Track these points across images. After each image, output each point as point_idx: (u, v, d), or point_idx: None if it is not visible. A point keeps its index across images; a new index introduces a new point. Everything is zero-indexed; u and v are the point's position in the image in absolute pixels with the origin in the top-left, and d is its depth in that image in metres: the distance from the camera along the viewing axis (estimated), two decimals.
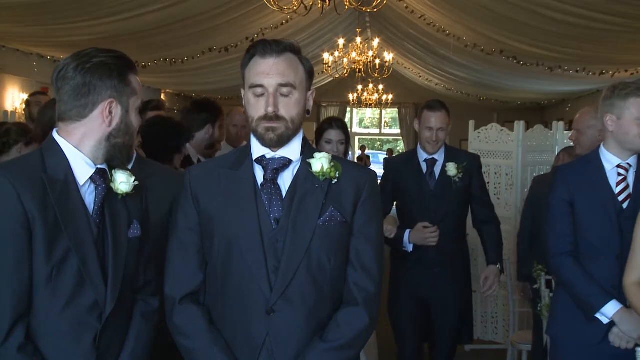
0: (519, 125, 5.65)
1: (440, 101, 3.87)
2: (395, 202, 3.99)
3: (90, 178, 1.92)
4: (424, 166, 3.81)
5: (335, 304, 2.02)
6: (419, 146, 3.88)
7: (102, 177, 1.93)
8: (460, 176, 3.72)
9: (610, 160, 2.78)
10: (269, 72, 1.94)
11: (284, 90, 1.95)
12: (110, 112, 1.92)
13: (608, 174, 2.78)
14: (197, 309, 2.02)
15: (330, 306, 2.01)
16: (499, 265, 3.81)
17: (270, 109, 1.94)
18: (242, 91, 2.05)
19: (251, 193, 1.99)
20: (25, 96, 9.62)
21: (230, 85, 13.09)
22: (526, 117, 8.09)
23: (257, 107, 1.97)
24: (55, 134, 1.94)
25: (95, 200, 1.92)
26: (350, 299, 2.01)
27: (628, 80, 3.88)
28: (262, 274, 1.94)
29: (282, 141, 1.99)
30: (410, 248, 3.71)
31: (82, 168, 1.91)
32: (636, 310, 2.57)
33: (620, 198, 2.74)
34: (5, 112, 9.27)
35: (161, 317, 2.10)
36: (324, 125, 3.73)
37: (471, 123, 6.08)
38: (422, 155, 3.82)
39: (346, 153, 3.72)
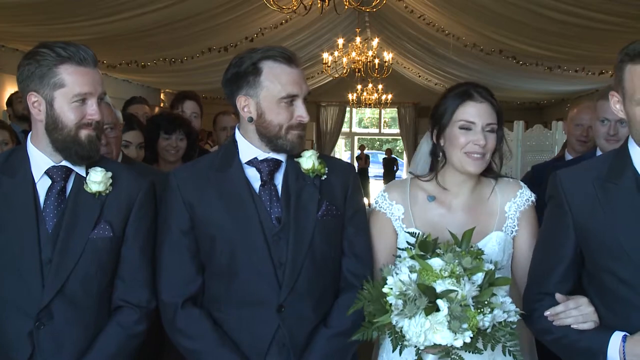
0: (519, 125, 5.66)
1: None
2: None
3: (47, 174, 1.93)
4: None
5: (336, 294, 2.09)
6: (631, 140, 1.87)
7: (62, 174, 1.94)
8: None
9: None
10: (299, 81, 2.01)
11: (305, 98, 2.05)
12: (34, 106, 1.91)
13: None
14: (200, 311, 2.02)
15: (332, 296, 2.08)
16: None
17: (307, 117, 2.02)
18: (249, 91, 2.00)
19: (248, 195, 2.01)
20: None
21: None
22: (525, 116, 8.10)
23: (286, 114, 2.00)
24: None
25: (47, 195, 1.92)
26: (348, 286, 2.07)
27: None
28: (270, 272, 1.98)
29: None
30: None
31: (39, 164, 1.94)
32: None
33: None
34: (5, 111, 9.25)
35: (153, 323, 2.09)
36: (452, 96, 2.19)
37: None
38: None
39: (500, 154, 2.14)
